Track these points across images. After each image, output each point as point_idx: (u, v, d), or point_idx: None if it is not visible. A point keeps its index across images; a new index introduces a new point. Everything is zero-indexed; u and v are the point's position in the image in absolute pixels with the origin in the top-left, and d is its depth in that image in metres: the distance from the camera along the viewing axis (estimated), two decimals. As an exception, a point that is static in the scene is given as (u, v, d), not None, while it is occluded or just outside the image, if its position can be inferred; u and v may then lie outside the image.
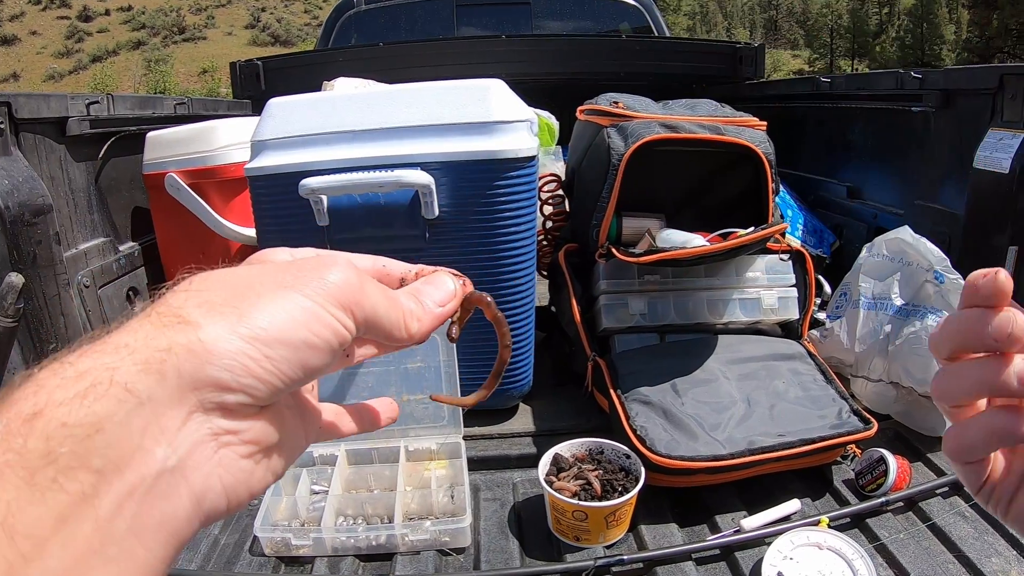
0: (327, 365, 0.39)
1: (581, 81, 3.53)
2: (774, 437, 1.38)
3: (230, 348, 0.35)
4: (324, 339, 0.38)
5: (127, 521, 0.31)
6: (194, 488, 0.34)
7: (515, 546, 1.31)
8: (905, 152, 2.29)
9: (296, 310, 0.37)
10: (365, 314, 0.40)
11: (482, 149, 1.43)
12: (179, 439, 0.34)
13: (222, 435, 0.36)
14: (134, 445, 0.32)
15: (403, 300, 0.44)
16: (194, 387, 0.34)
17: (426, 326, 0.45)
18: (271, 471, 0.40)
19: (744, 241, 1.53)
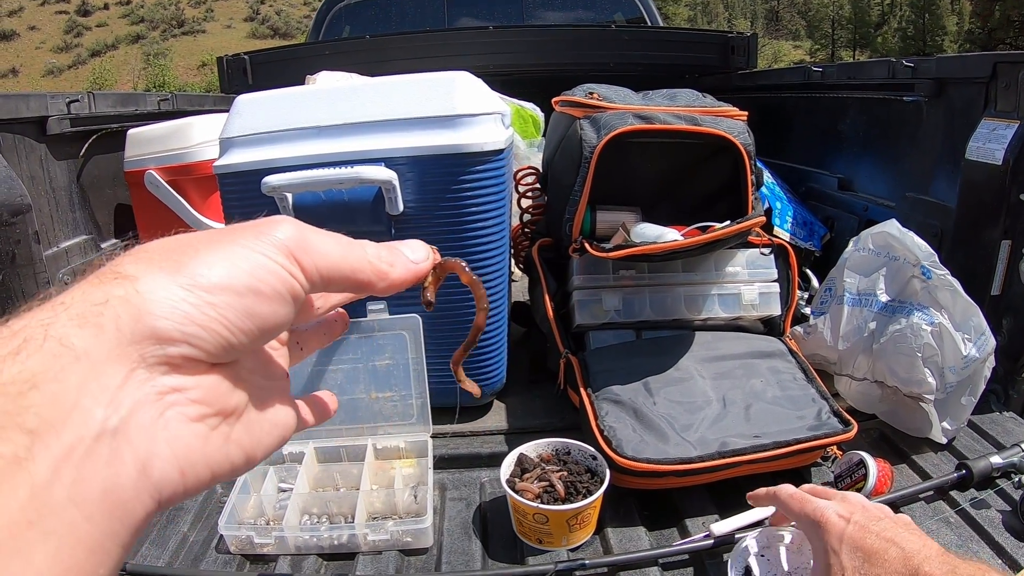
0: (282, 316, 0.38)
1: (570, 72, 3.51)
2: (748, 439, 1.35)
3: (169, 296, 0.33)
4: (270, 285, 0.36)
5: (66, 489, 0.29)
6: (139, 453, 0.32)
7: (478, 548, 1.29)
8: (897, 143, 2.26)
9: (238, 259, 0.36)
10: (315, 261, 0.38)
11: (447, 143, 1.40)
12: (120, 397, 0.31)
13: (168, 393, 0.33)
14: (71, 403, 0.30)
15: (370, 248, 0.43)
16: (134, 340, 0.32)
17: (400, 272, 0.44)
18: (235, 444, 0.38)
19: (720, 235, 1.50)
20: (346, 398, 1.51)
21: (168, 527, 1.37)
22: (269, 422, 0.42)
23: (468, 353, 0.56)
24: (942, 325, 1.47)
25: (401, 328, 1.48)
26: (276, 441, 0.43)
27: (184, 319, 0.33)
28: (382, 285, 0.43)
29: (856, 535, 0.86)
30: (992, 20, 42.57)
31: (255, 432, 0.40)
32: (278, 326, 0.38)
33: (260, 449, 0.41)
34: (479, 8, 4.39)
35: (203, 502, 1.45)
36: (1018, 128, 1.60)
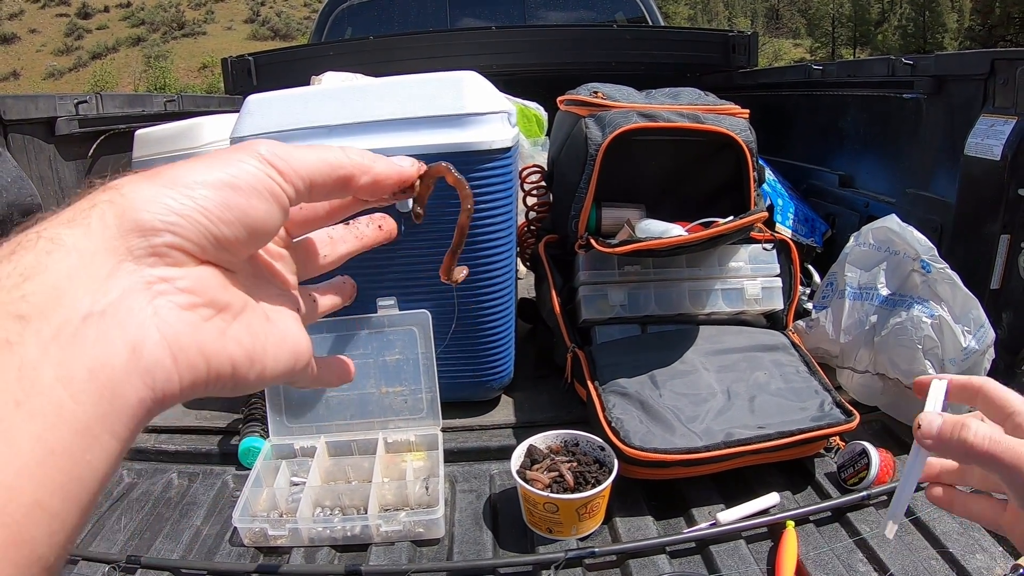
0: (263, 212, 0.38)
1: (573, 72, 3.52)
2: (753, 429, 1.38)
3: (150, 193, 0.34)
4: (246, 182, 0.37)
5: (53, 368, 0.30)
6: (128, 334, 0.32)
7: (489, 538, 1.31)
8: (897, 140, 2.28)
9: (213, 164, 0.37)
10: (292, 164, 0.39)
11: (456, 141, 1.42)
12: (108, 285, 0.32)
13: (156, 283, 0.34)
14: (60, 290, 0.31)
15: (351, 149, 0.43)
16: (120, 234, 0.33)
17: (383, 166, 0.44)
18: (232, 339, 0.38)
19: (723, 230, 1.52)
20: (356, 393, 1.53)
21: (181, 521, 1.40)
22: (278, 334, 0.42)
23: (456, 256, 0.54)
24: (942, 318, 1.49)
25: (411, 323, 1.51)
26: (288, 356, 0.42)
27: (165, 209, 0.34)
28: (366, 179, 0.43)
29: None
30: (992, 17, 42.52)
31: (258, 336, 0.40)
32: (263, 224, 0.39)
33: (268, 358, 0.40)
34: (481, 9, 4.40)
35: (215, 496, 1.48)
36: (1016, 124, 1.62)
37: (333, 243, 0.51)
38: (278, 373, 0.42)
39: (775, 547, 1.25)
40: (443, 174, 0.49)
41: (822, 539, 1.27)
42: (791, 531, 1.25)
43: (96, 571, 1.26)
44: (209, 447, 1.62)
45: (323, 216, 0.48)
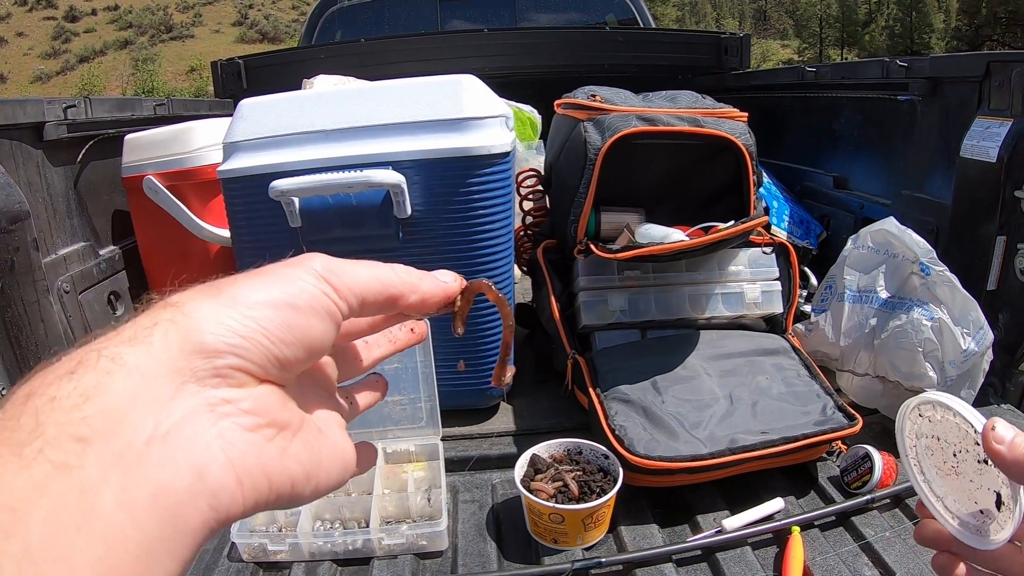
0: (320, 331, 0.38)
1: (565, 74, 3.51)
2: (756, 435, 1.37)
3: (213, 314, 0.34)
4: (306, 301, 0.37)
5: (115, 493, 0.29)
6: (193, 458, 0.32)
7: (493, 549, 1.29)
8: (891, 141, 2.28)
9: (274, 282, 0.37)
10: (346, 281, 0.40)
11: (455, 146, 1.40)
12: (172, 407, 0.32)
13: (219, 404, 0.34)
14: (122, 413, 0.30)
15: (399, 266, 0.44)
16: (183, 354, 0.33)
17: (429, 285, 0.45)
18: (293, 458, 0.38)
19: (725, 235, 1.51)
20: (355, 402, 1.51)
21: (178, 536, 1.38)
22: (329, 448, 0.42)
23: (506, 369, 0.56)
24: (941, 320, 1.49)
25: (408, 333, 1.49)
26: (339, 468, 0.43)
27: (228, 331, 0.34)
28: (414, 298, 0.44)
29: None
30: (979, 17, 42.77)
31: (314, 451, 0.40)
32: (320, 343, 0.39)
33: (322, 472, 0.41)
34: (471, 11, 4.39)
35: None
36: (1012, 126, 1.62)
37: (368, 348, 0.52)
38: (331, 484, 0.42)
39: (781, 553, 1.24)
40: (484, 291, 0.50)
41: (827, 544, 1.26)
42: (797, 537, 1.24)
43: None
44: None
45: (365, 328, 0.49)
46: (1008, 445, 0.52)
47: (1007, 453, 0.52)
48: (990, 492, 0.55)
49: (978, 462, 0.56)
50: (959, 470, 0.58)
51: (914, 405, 0.61)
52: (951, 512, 0.59)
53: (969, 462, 0.57)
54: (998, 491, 0.54)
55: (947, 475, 0.60)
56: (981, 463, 0.55)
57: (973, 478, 0.57)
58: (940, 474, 0.60)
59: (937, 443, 0.60)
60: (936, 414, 0.59)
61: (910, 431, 0.63)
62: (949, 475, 0.59)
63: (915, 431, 0.62)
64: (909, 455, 0.63)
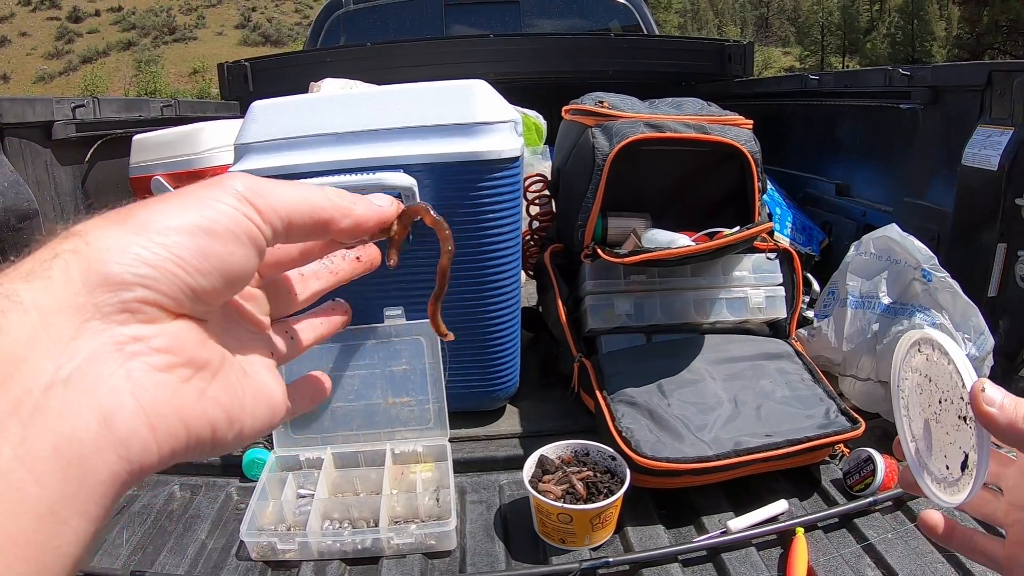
0: (240, 258, 0.35)
1: (569, 80, 3.53)
2: (761, 437, 1.38)
3: (119, 242, 0.31)
4: (224, 225, 0.34)
5: (12, 447, 0.27)
6: (99, 403, 0.29)
7: (500, 549, 1.31)
8: (894, 149, 2.29)
9: (189, 205, 0.34)
10: (271, 202, 0.36)
11: (465, 150, 1.42)
12: (74, 348, 0.29)
13: (128, 343, 0.31)
14: (19, 357, 0.28)
15: (330, 190, 0.41)
16: (86, 289, 0.30)
17: (363, 209, 0.42)
18: (212, 401, 0.35)
19: (730, 241, 1.53)
20: (363, 403, 1.53)
21: (186, 535, 1.38)
22: (254, 388, 0.39)
23: (440, 299, 0.52)
24: (943, 326, 1.50)
25: (417, 333, 1.50)
26: (265, 412, 0.40)
27: (136, 260, 0.31)
28: (346, 223, 0.41)
29: None
30: (980, 25, 42.73)
31: (237, 393, 0.37)
32: (240, 271, 0.36)
33: (246, 416, 0.38)
34: (476, 17, 4.40)
35: (219, 509, 1.46)
36: (1013, 134, 1.63)
37: (304, 280, 0.48)
38: (256, 430, 0.39)
39: (785, 554, 1.25)
40: (421, 215, 0.47)
41: (831, 545, 1.28)
42: (801, 538, 1.25)
43: (99, 587, 1.24)
44: (211, 459, 1.59)
45: (296, 257, 0.45)
46: (999, 407, 0.51)
47: (999, 416, 0.51)
48: (960, 452, 0.55)
49: (958, 417, 0.55)
50: (939, 419, 0.58)
51: (916, 339, 0.61)
52: (921, 458, 0.60)
53: (951, 414, 0.56)
54: (967, 452, 0.54)
55: (928, 420, 0.59)
56: (960, 419, 0.55)
57: (949, 431, 0.56)
58: (922, 414, 0.60)
59: (928, 383, 0.59)
60: (934, 355, 0.58)
61: (906, 363, 0.63)
62: (930, 420, 0.59)
63: (911, 365, 0.62)
64: (900, 385, 0.63)
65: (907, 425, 0.62)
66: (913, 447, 0.61)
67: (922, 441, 0.60)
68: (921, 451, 0.60)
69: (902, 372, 0.63)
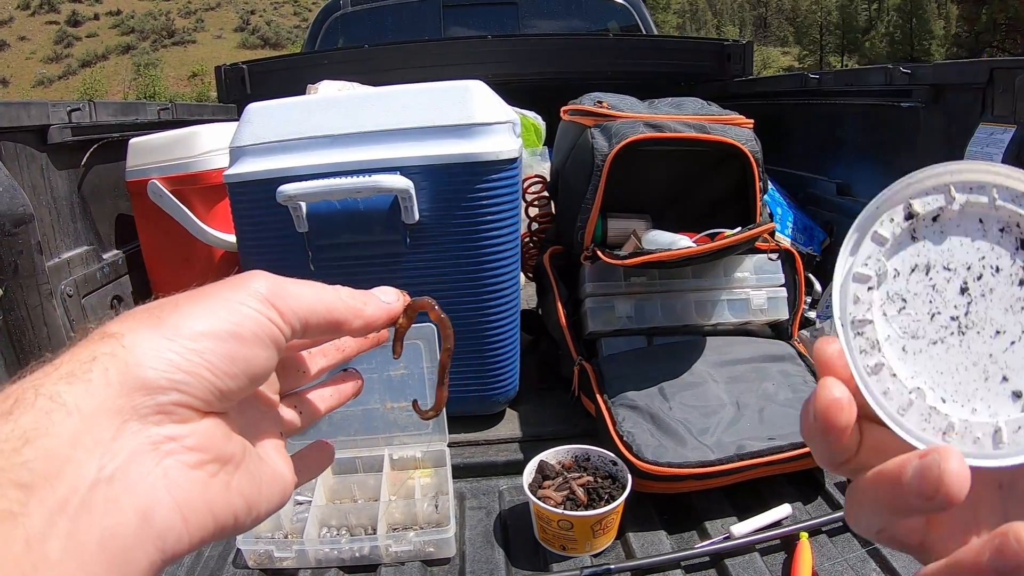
0: (263, 360, 0.38)
1: (568, 81, 3.51)
2: (764, 441, 1.36)
3: (154, 347, 0.33)
4: (250, 330, 0.37)
5: (61, 540, 0.28)
6: (138, 500, 0.31)
7: (500, 556, 1.29)
8: (895, 148, 2.28)
9: (217, 309, 0.36)
10: (291, 304, 0.39)
11: (462, 152, 1.40)
12: (115, 448, 0.31)
13: (163, 443, 0.33)
14: (64, 456, 0.30)
15: (342, 290, 0.43)
16: (123, 392, 0.32)
17: (373, 309, 0.44)
18: (236, 491, 0.37)
19: (731, 242, 1.51)
20: (361, 408, 1.51)
21: (182, 542, 1.37)
22: (269, 474, 0.42)
23: (445, 391, 0.54)
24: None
25: (416, 337, 1.48)
26: (278, 495, 0.42)
27: (170, 367, 0.33)
28: (358, 323, 0.43)
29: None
30: (979, 24, 42.83)
31: (255, 482, 0.40)
32: (263, 371, 0.38)
33: (263, 501, 0.40)
34: (474, 18, 4.39)
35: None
36: (1015, 132, 1.62)
37: (313, 357, 0.50)
38: (270, 511, 0.42)
39: (789, 559, 1.23)
40: (427, 309, 0.49)
41: (835, 550, 1.26)
42: (805, 542, 1.24)
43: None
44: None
45: (307, 343, 0.48)
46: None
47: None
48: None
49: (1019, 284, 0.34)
50: (966, 324, 0.36)
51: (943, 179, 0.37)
52: (928, 409, 0.35)
53: (999, 292, 0.35)
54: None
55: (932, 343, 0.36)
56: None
57: (989, 336, 0.35)
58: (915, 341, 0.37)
59: (942, 276, 0.36)
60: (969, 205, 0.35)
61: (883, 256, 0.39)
62: (936, 343, 0.36)
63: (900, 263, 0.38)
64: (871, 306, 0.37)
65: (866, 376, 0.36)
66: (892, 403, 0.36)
67: (920, 377, 0.36)
68: (927, 399, 0.35)
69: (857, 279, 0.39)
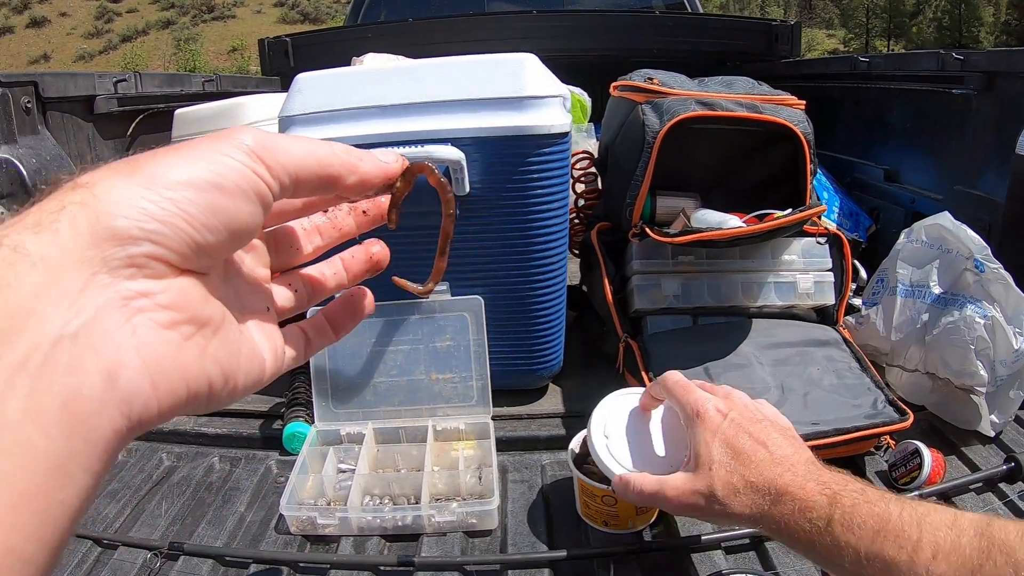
0: (247, 215, 0.36)
1: (612, 58, 3.49)
2: (808, 425, 1.35)
3: (127, 195, 0.31)
4: (232, 181, 0.35)
5: (20, 401, 0.27)
6: (104, 360, 0.29)
7: (542, 529, 1.29)
8: (945, 135, 2.23)
9: (198, 159, 0.34)
10: (279, 158, 0.37)
11: (515, 124, 1.38)
12: (81, 302, 0.29)
13: (134, 299, 0.31)
14: (27, 310, 0.28)
15: (337, 145, 0.41)
16: (93, 242, 0.30)
17: (369, 166, 0.42)
18: (212, 358, 0.35)
19: (783, 223, 1.49)
20: (406, 379, 1.51)
21: (224, 507, 1.38)
22: (248, 349, 0.40)
23: (446, 260, 0.53)
24: (995, 319, 1.46)
25: (463, 309, 1.48)
26: (256, 372, 0.40)
27: (144, 215, 0.31)
28: (353, 179, 0.41)
29: (729, 432, 0.90)
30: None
31: (234, 351, 0.38)
32: (247, 227, 0.36)
33: (240, 374, 0.38)
34: None
35: (259, 482, 1.46)
36: None
37: (308, 234, 0.49)
38: (247, 389, 0.40)
39: None
40: (426, 173, 0.47)
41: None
42: None
43: (137, 557, 1.24)
44: (251, 431, 1.60)
45: (299, 208, 0.46)
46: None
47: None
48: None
49: None
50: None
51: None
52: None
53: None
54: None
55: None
56: None
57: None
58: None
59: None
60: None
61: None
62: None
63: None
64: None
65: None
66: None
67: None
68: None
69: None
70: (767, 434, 0.90)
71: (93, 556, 1.26)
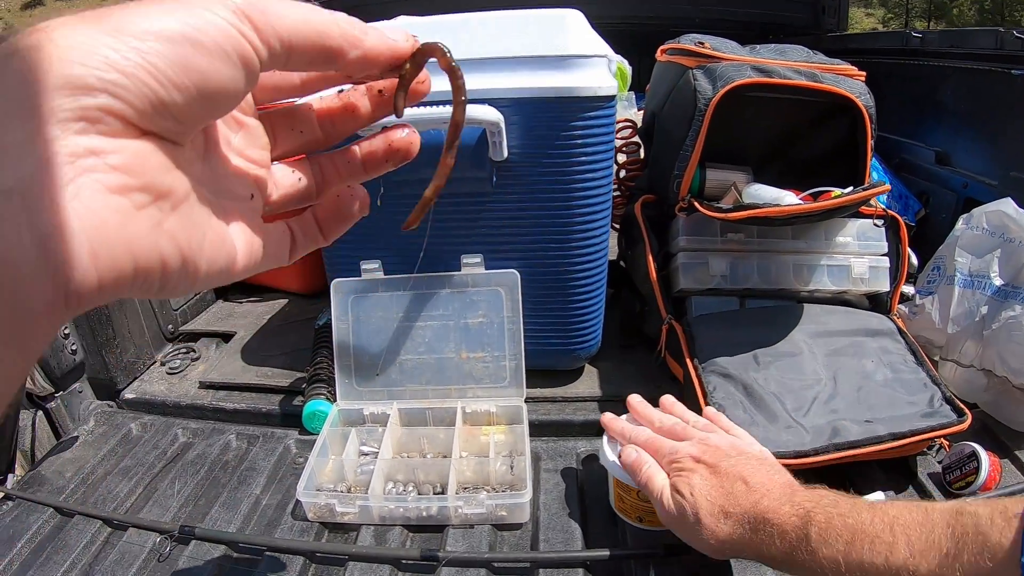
0: (226, 78, 0.31)
1: (654, 25, 3.36)
2: (860, 423, 1.25)
3: (88, 42, 0.28)
4: (212, 38, 0.30)
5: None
6: (38, 222, 0.26)
7: (575, 524, 1.20)
8: (1002, 118, 2.10)
9: (175, 10, 0.30)
10: (271, 20, 0.32)
11: (558, 85, 1.28)
12: (20, 155, 0.26)
13: (83, 156, 0.28)
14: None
15: (340, 14, 0.37)
16: (43, 91, 0.27)
17: (374, 40, 0.38)
18: (168, 235, 0.31)
19: (843, 202, 1.38)
20: (434, 357, 1.43)
21: (239, 488, 1.32)
22: (216, 234, 0.36)
23: (452, 159, 0.48)
24: (1057, 315, 1.35)
25: (497, 284, 1.39)
26: (222, 261, 0.36)
27: (104, 64, 0.28)
28: (355, 54, 0.37)
29: (706, 474, 0.96)
30: (1073, -4, 41.02)
31: (196, 233, 0.34)
32: (224, 92, 0.32)
33: (202, 259, 0.34)
34: None
35: (276, 463, 1.39)
36: None
37: (315, 115, 0.44)
38: (211, 278, 0.36)
39: None
40: (436, 55, 0.43)
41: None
42: None
43: (147, 540, 1.18)
44: (270, 407, 1.53)
45: (297, 85, 0.42)
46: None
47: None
48: None
49: None
50: None
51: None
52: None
53: None
54: None
55: None
56: None
57: None
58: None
59: None
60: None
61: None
62: None
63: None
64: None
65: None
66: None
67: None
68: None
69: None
70: (743, 466, 0.94)
71: (102, 537, 1.20)
